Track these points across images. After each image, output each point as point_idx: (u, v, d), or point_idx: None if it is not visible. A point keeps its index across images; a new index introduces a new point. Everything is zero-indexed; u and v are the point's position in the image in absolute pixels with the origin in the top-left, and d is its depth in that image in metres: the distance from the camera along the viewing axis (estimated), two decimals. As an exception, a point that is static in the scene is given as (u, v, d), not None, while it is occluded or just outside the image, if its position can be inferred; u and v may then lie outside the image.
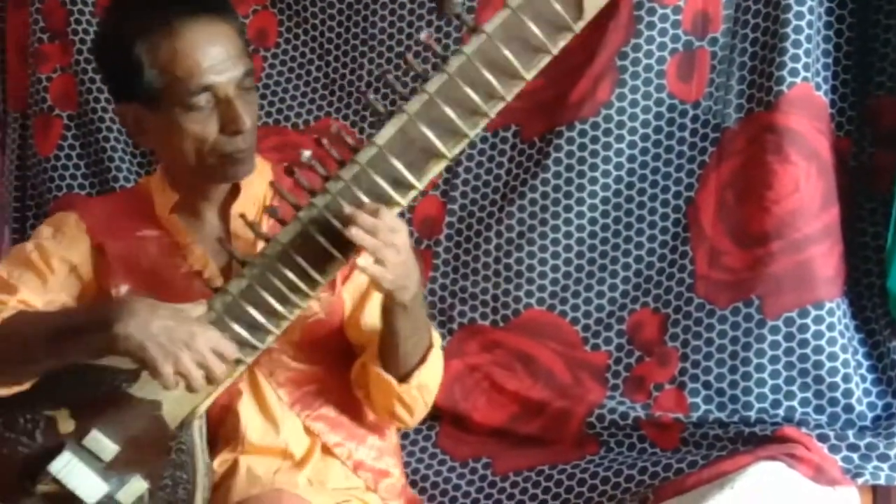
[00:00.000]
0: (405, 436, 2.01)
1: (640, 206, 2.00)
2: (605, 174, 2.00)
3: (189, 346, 1.47)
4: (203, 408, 1.60)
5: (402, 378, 1.67)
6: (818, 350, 1.83)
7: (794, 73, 1.86)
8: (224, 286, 1.56)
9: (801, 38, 1.86)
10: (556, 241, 2.03)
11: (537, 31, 1.48)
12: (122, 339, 1.47)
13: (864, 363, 1.88)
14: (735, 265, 1.91)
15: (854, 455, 1.74)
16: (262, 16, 2.28)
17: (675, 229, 1.98)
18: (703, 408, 1.89)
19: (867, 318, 1.91)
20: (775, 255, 1.86)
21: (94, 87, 2.29)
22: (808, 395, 1.84)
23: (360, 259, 1.52)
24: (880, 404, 1.85)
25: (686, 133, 1.98)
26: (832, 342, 1.83)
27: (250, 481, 1.68)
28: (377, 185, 1.51)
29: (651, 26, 1.96)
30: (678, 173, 1.98)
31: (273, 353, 1.67)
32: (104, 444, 1.57)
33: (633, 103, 1.98)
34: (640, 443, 1.91)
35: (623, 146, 1.99)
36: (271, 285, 1.54)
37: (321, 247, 1.53)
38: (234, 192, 1.73)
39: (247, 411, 1.70)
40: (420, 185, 1.53)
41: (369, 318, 1.74)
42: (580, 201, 2.01)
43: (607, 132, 1.99)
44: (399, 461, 1.85)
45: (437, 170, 1.53)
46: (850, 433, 1.77)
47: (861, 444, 1.75)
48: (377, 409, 1.74)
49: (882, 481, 1.73)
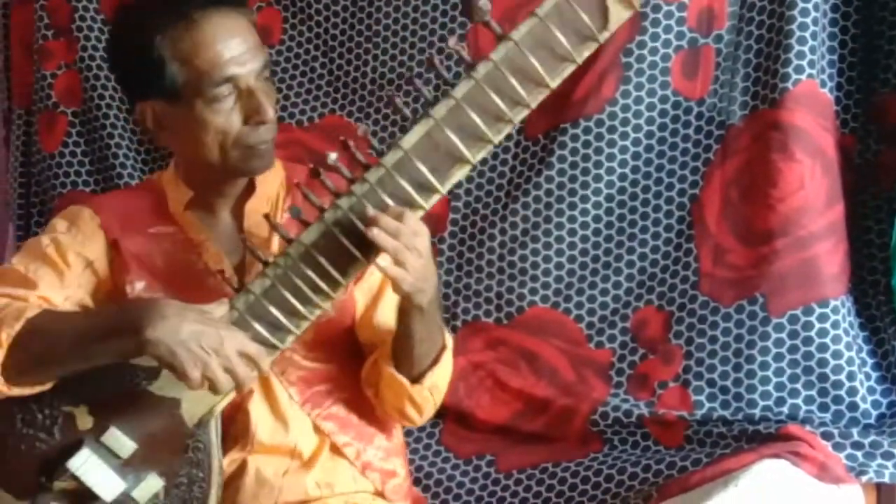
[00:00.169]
0: (408, 433, 2.01)
1: (645, 203, 2.00)
2: (610, 171, 2.00)
3: (218, 352, 1.47)
4: (221, 406, 1.61)
5: (415, 379, 1.68)
6: (823, 348, 1.83)
7: (799, 70, 1.85)
8: (247, 285, 1.56)
9: (807, 34, 1.85)
10: (560, 239, 2.02)
11: (563, 40, 1.48)
12: (152, 343, 1.46)
13: (869, 361, 1.87)
14: (739, 263, 1.90)
15: (858, 453, 1.73)
16: (266, 12, 2.28)
17: (680, 227, 1.98)
18: (707, 405, 1.89)
19: (872, 316, 1.91)
20: (780, 252, 1.86)
21: (99, 84, 2.30)
22: (813, 392, 1.84)
23: (379, 259, 1.53)
24: (885, 402, 1.85)
25: (690, 130, 1.98)
26: (837, 340, 1.83)
27: (258, 483, 1.69)
28: (402, 188, 1.52)
29: (656, 23, 1.96)
30: (683, 171, 1.98)
31: (285, 351, 1.67)
32: (122, 442, 1.57)
33: (638, 100, 1.98)
34: (643, 440, 1.91)
35: (627, 143, 1.99)
36: (293, 285, 1.54)
37: (344, 248, 1.53)
38: (249, 189, 1.73)
39: (257, 410, 1.70)
40: (443, 190, 1.54)
41: (382, 318, 1.74)
42: (584, 199, 2.01)
43: (612, 129, 1.98)
44: (405, 461, 1.85)
45: (460, 175, 1.54)
46: (854, 431, 1.77)
47: (865, 441, 1.74)
48: (387, 407, 1.74)
49: (886, 479, 1.72)
